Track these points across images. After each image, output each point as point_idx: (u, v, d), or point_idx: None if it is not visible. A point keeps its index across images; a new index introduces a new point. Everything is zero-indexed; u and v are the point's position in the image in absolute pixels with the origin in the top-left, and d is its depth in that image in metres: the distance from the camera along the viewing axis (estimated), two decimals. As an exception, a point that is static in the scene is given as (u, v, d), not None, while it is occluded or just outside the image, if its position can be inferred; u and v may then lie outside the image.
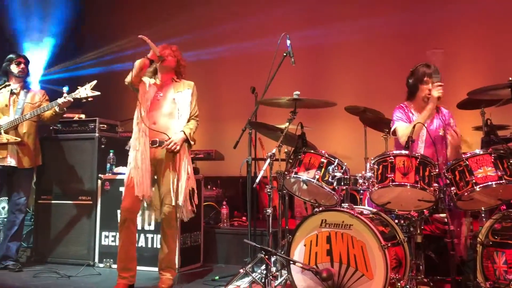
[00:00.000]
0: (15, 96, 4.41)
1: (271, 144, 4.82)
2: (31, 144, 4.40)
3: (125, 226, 3.48)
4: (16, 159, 4.30)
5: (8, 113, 4.34)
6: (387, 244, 2.74)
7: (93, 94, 4.16)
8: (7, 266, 4.25)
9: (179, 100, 3.62)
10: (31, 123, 4.40)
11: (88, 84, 4.18)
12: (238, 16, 6.73)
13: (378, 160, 3.05)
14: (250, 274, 3.25)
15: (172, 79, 3.72)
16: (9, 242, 4.34)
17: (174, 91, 3.66)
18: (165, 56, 3.60)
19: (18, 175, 4.36)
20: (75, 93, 4.18)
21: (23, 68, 4.47)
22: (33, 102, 4.46)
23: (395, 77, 5.68)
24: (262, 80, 4.17)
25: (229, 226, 4.85)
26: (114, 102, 7.07)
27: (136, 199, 3.48)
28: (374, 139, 4.58)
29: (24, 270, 4.25)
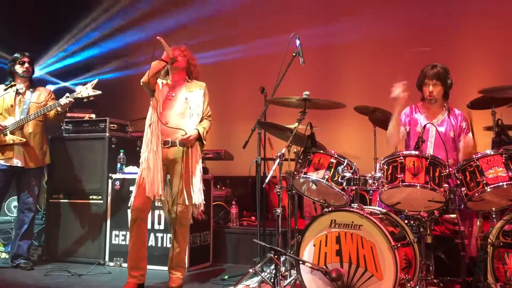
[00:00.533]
0: (21, 96, 4.40)
1: (280, 144, 4.83)
2: (37, 143, 4.40)
3: (136, 225, 3.50)
4: (22, 159, 4.29)
5: (14, 114, 4.34)
6: (397, 244, 2.74)
7: (94, 93, 4.17)
8: (19, 265, 4.29)
9: (191, 100, 3.65)
10: (37, 123, 4.39)
11: (89, 83, 4.19)
12: (247, 17, 6.74)
13: (388, 161, 3.05)
14: (259, 274, 3.25)
15: (184, 79, 3.75)
16: (20, 241, 4.36)
17: (186, 91, 3.68)
18: (176, 57, 3.63)
19: (25, 175, 4.37)
20: (76, 93, 4.19)
21: (27, 67, 4.44)
22: (38, 102, 4.45)
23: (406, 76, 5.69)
24: (271, 80, 4.17)
25: (239, 226, 4.86)
26: (124, 102, 7.14)
27: (147, 199, 3.50)
28: (383, 139, 4.55)
29: (35, 269, 4.30)
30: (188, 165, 3.54)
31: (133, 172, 4.54)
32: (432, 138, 3.54)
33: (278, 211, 3.39)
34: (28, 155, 4.33)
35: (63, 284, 3.76)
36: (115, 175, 4.57)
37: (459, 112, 3.59)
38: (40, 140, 4.44)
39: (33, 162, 4.36)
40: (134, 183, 4.34)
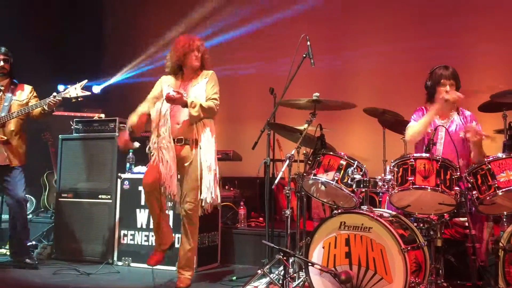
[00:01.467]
0: (2, 93, 4.26)
1: (288, 146, 4.82)
2: (18, 142, 4.28)
3: (149, 203, 3.54)
4: (4, 157, 4.18)
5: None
6: (407, 247, 2.72)
7: (83, 94, 4.10)
8: (24, 262, 4.22)
9: (195, 93, 3.60)
10: (18, 121, 4.27)
11: (78, 83, 4.12)
12: (257, 16, 6.74)
13: (398, 163, 3.04)
14: (267, 275, 3.25)
15: (194, 72, 3.71)
16: (18, 239, 4.29)
17: (191, 87, 3.65)
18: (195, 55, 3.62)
19: (10, 173, 4.24)
20: (64, 92, 4.11)
21: (2, 65, 4.25)
22: (20, 99, 4.32)
23: (414, 78, 5.66)
24: (280, 81, 4.17)
25: (247, 227, 4.86)
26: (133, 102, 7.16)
27: (156, 178, 3.50)
28: (392, 141, 4.55)
29: (44, 267, 4.31)
30: (199, 163, 3.53)
31: (142, 172, 4.55)
32: (442, 140, 3.52)
33: (287, 213, 3.39)
34: (11, 153, 4.22)
35: (72, 283, 3.77)
36: (124, 174, 4.58)
37: (469, 113, 3.55)
38: (21, 139, 4.32)
39: (17, 160, 4.26)
40: (143, 183, 4.39)
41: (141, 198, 4.45)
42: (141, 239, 4.44)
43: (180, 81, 3.72)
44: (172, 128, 3.56)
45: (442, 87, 3.46)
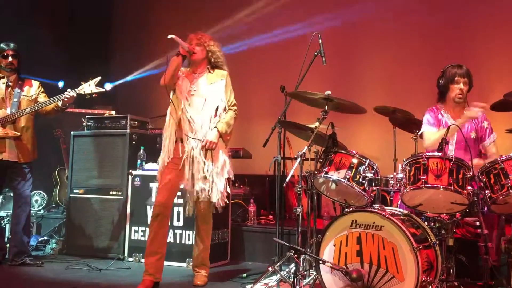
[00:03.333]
0: (10, 89, 4.26)
1: (298, 143, 4.82)
2: (29, 138, 4.29)
3: (157, 220, 3.47)
4: (15, 153, 4.19)
5: (4, 107, 4.20)
6: (418, 246, 2.72)
7: (97, 91, 4.11)
8: (25, 262, 4.19)
9: (212, 93, 3.59)
10: (28, 117, 4.27)
11: (92, 80, 4.13)
12: (268, 14, 6.74)
13: (411, 162, 3.03)
14: (278, 272, 3.26)
15: (206, 69, 3.68)
16: (21, 237, 4.24)
17: (207, 84, 3.62)
18: (192, 49, 3.58)
19: (19, 169, 4.25)
20: (79, 89, 4.12)
21: (11, 61, 4.25)
22: (29, 95, 4.32)
23: (425, 77, 5.64)
24: (291, 79, 4.18)
25: (256, 224, 4.87)
26: (144, 99, 7.20)
27: (171, 195, 3.52)
28: (403, 140, 4.54)
29: (55, 262, 4.37)
30: (210, 161, 3.53)
31: (153, 168, 4.58)
32: (454, 141, 3.51)
33: (298, 210, 3.40)
34: (21, 149, 4.22)
35: (84, 278, 3.81)
36: (135, 171, 4.61)
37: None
38: (32, 135, 4.34)
39: (25, 156, 4.25)
40: (153, 179, 4.42)
41: (152, 194, 4.48)
42: (151, 236, 4.46)
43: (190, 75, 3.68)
44: (182, 125, 3.56)
45: (456, 84, 3.45)
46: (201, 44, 3.62)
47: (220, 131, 3.54)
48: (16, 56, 4.30)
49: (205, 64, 3.69)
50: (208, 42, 3.65)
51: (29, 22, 5.84)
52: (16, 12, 5.80)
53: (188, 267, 4.15)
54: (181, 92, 3.59)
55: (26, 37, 5.25)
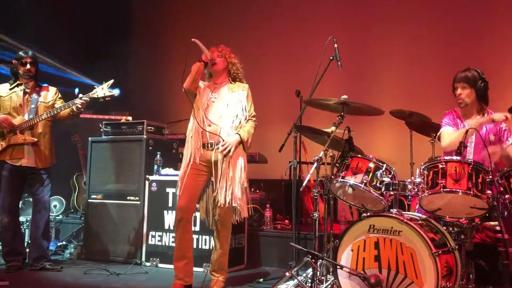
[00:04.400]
0: (28, 96, 4.32)
1: (314, 148, 4.82)
2: (46, 143, 4.33)
3: (181, 225, 3.51)
4: (33, 159, 4.24)
5: (22, 113, 4.26)
6: (438, 251, 2.69)
7: (110, 94, 4.15)
8: (44, 267, 4.23)
9: (233, 102, 3.63)
10: (45, 123, 4.33)
11: (105, 83, 4.17)
12: (283, 19, 6.76)
13: (428, 166, 3.00)
14: (295, 277, 3.24)
15: (227, 80, 3.74)
16: (40, 242, 4.29)
17: (228, 92, 3.67)
18: (215, 58, 3.64)
19: (37, 175, 4.29)
20: (92, 93, 4.17)
21: (29, 68, 4.31)
22: (46, 101, 4.38)
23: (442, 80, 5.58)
24: (306, 84, 4.17)
25: (273, 229, 4.87)
26: (160, 104, 7.26)
27: (192, 199, 3.54)
28: (420, 144, 4.50)
29: (74, 267, 4.42)
30: (231, 167, 3.53)
31: (169, 174, 4.62)
32: (472, 144, 3.48)
33: (315, 215, 3.39)
34: (38, 155, 4.26)
35: (103, 282, 3.85)
36: (152, 176, 4.65)
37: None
38: (49, 140, 4.38)
39: (43, 162, 4.30)
40: (170, 185, 4.47)
41: (169, 199, 4.51)
42: (168, 240, 4.49)
43: (211, 85, 3.74)
44: (203, 131, 3.59)
45: (455, 90, 3.46)
46: (222, 55, 3.70)
47: (242, 137, 3.57)
48: (33, 63, 4.38)
49: (225, 75, 3.75)
50: (228, 54, 3.72)
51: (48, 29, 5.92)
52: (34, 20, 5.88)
53: (205, 271, 4.16)
54: (202, 99, 3.63)
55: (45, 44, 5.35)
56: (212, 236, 4.07)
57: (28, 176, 4.31)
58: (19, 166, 4.22)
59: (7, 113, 4.25)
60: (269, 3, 6.95)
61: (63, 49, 6.11)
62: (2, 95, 4.32)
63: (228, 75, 3.76)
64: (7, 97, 4.31)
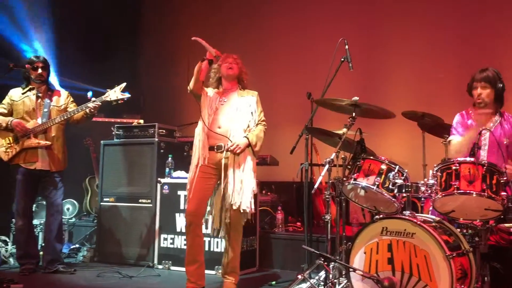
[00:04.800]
0: (40, 100, 4.36)
1: (325, 150, 4.79)
2: (59, 147, 4.36)
3: (191, 230, 3.53)
4: (47, 163, 4.27)
5: (35, 117, 4.30)
6: (452, 254, 2.66)
7: (122, 97, 4.17)
8: (58, 270, 4.27)
9: (243, 106, 3.65)
10: (58, 126, 4.35)
11: (117, 86, 4.18)
12: (294, 20, 6.75)
13: (442, 167, 2.97)
14: (308, 280, 3.24)
15: (237, 87, 3.77)
16: (54, 244, 4.32)
17: (238, 96, 3.70)
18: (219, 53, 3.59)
19: (50, 178, 4.33)
20: (104, 96, 4.19)
21: (40, 73, 4.34)
22: (58, 105, 4.41)
23: (455, 80, 5.55)
24: (317, 86, 4.17)
25: (284, 232, 4.85)
26: (171, 107, 7.29)
27: (201, 203, 3.55)
28: (432, 145, 4.46)
29: (87, 270, 4.45)
30: (240, 169, 3.54)
31: (181, 176, 4.63)
32: (486, 146, 3.43)
33: (327, 217, 3.38)
34: (52, 158, 4.30)
35: (115, 285, 3.88)
36: (164, 179, 4.67)
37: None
38: (62, 144, 4.42)
39: (56, 165, 4.33)
40: (182, 187, 4.48)
41: (180, 202, 4.53)
42: (180, 243, 4.50)
43: (220, 91, 3.75)
44: (212, 133, 3.59)
45: (474, 90, 3.41)
46: (236, 63, 3.72)
47: (250, 140, 3.57)
48: (45, 68, 4.41)
49: (236, 82, 3.78)
50: (241, 65, 3.76)
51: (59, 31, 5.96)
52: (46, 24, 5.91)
53: (217, 274, 4.17)
54: (210, 102, 3.63)
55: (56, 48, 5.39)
56: (223, 239, 4.07)
57: (41, 180, 4.35)
58: (33, 169, 4.26)
59: (20, 117, 4.29)
60: (279, 3, 6.94)
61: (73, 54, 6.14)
62: (15, 100, 4.36)
63: (238, 82, 3.78)
64: (19, 101, 4.35)
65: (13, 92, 4.42)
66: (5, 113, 4.35)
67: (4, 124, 4.27)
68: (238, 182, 3.50)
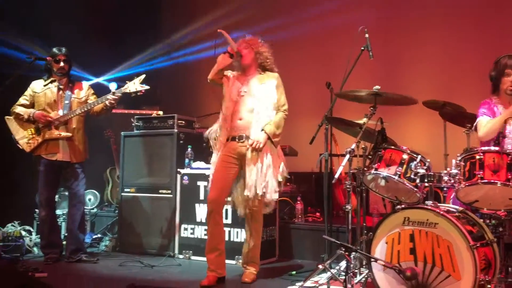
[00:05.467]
0: (61, 92, 4.41)
1: (344, 140, 4.76)
2: (80, 138, 4.42)
3: (212, 217, 3.55)
4: (68, 154, 4.33)
5: (57, 109, 4.35)
6: (476, 244, 2.64)
7: (142, 88, 4.20)
8: (81, 259, 4.35)
9: (262, 94, 3.62)
10: (79, 118, 4.41)
11: (137, 78, 4.22)
12: (312, 8, 6.68)
13: (465, 157, 2.93)
14: (329, 270, 3.23)
15: (256, 71, 3.74)
16: (77, 234, 4.41)
17: (258, 84, 3.67)
18: (241, 51, 3.64)
19: (72, 169, 4.39)
20: (124, 88, 4.22)
21: (62, 66, 4.39)
22: (79, 97, 4.45)
23: (476, 68, 5.44)
24: (336, 75, 4.13)
25: (304, 222, 4.85)
26: (189, 98, 7.30)
27: (222, 191, 3.57)
28: (454, 135, 4.39)
29: (110, 259, 4.52)
30: (261, 160, 3.54)
31: (200, 167, 4.66)
32: (511, 134, 3.37)
33: (348, 208, 3.37)
34: (73, 150, 4.36)
35: (138, 274, 3.92)
36: (183, 170, 4.69)
37: None
38: (83, 135, 4.47)
39: (77, 156, 4.39)
40: (201, 178, 4.51)
41: (200, 193, 4.55)
42: (201, 233, 4.54)
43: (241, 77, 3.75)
44: (233, 124, 3.61)
45: (507, 77, 3.32)
46: (248, 46, 3.69)
47: (268, 133, 3.57)
48: (67, 61, 4.46)
49: (254, 66, 3.75)
50: (256, 44, 3.72)
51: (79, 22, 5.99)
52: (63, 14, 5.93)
53: (237, 264, 4.19)
54: (231, 93, 3.64)
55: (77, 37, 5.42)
56: (243, 229, 4.09)
57: (63, 171, 4.42)
58: (54, 160, 4.32)
59: (42, 109, 4.35)
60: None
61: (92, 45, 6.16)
62: (36, 91, 4.42)
63: (258, 65, 3.75)
64: (41, 93, 4.41)
65: (35, 84, 4.48)
66: (27, 105, 4.42)
67: (26, 116, 4.34)
68: (259, 172, 3.51)
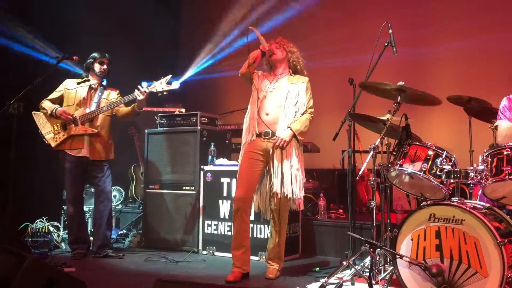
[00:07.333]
0: (93, 91, 4.54)
1: (367, 136, 4.74)
2: (105, 136, 4.50)
3: (238, 215, 3.58)
4: (93, 150, 4.42)
5: (85, 106, 4.46)
6: (503, 240, 2.61)
7: (168, 88, 4.27)
8: (108, 254, 4.44)
9: (292, 94, 3.65)
10: (105, 117, 4.51)
11: (163, 78, 4.29)
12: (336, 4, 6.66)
13: (492, 153, 2.90)
14: (353, 267, 3.24)
15: (287, 72, 3.78)
16: (104, 230, 4.48)
17: (288, 83, 3.71)
18: (273, 49, 3.70)
19: (97, 166, 4.47)
20: (151, 87, 4.30)
21: (105, 68, 4.57)
22: (108, 99, 4.57)
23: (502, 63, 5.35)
24: (358, 71, 4.11)
25: (327, 218, 4.85)
26: (212, 96, 7.35)
27: (249, 189, 3.60)
28: (480, 131, 4.34)
29: (135, 254, 4.60)
30: (287, 156, 3.56)
31: (223, 164, 4.69)
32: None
33: (372, 204, 3.36)
34: (98, 146, 4.44)
35: (163, 270, 3.97)
36: (207, 167, 4.74)
37: None
38: (108, 134, 4.55)
39: (102, 153, 4.47)
40: (225, 175, 4.55)
41: (223, 189, 4.59)
42: (224, 229, 4.58)
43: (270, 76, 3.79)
44: (260, 120, 3.63)
45: None
46: (280, 46, 3.74)
47: (293, 130, 3.58)
48: (109, 65, 4.63)
49: (286, 65, 3.79)
50: (287, 44, 3.77)
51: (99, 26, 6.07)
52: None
53: (261, 260, 4.22)
54: (260, 89, 3.68)
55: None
56: (267, 225, 4.11)
57: (89, 168, 4.50)
58: (80, 157, 4.41)
59: (71, 105, 4.47)
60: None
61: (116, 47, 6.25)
62: (68, 88, 4.55)
63: (288, 65, 3.79)
64: (73, 90, 4.54)
65: (68, 82, 4.61)
66: (54, 99, 4.54)
67: (49, 111, 4.45)
68: (285, 170, 3.53)
